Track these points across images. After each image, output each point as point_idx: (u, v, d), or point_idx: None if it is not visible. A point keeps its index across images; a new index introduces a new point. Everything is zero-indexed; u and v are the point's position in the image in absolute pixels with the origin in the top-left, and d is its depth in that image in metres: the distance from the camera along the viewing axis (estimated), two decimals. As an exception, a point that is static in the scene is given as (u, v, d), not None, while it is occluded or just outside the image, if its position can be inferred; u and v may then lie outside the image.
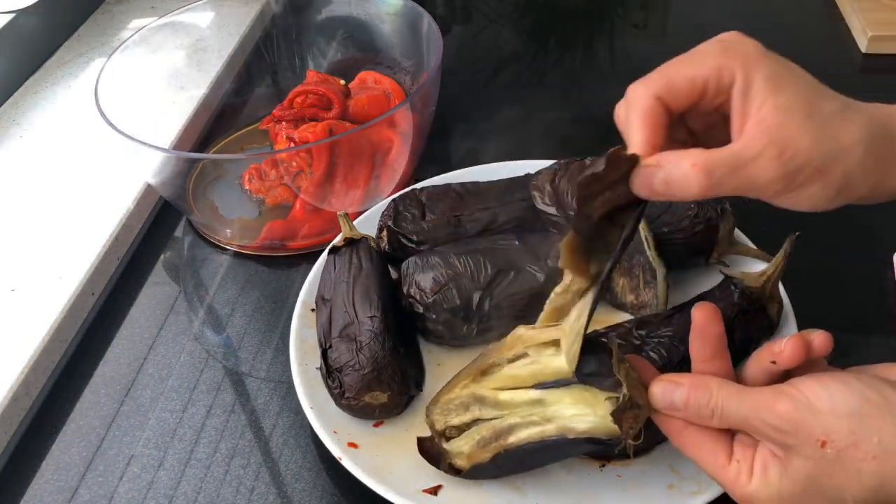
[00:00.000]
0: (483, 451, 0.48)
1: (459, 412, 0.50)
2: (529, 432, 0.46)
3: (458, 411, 0.50)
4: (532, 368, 0.47)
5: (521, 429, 0.47)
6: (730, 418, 0.40)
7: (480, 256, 0.59)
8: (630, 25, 1.08)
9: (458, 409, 0.50)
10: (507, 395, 0.48)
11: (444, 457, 0.50)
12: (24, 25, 0.93)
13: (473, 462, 0.49)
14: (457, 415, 0.50)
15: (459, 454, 0.50)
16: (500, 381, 0.49)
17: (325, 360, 0.55)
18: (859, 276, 0.67)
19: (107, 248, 0.71)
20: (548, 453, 0.47)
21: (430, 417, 0.52)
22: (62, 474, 0.57)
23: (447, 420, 0.51)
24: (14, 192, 0.79)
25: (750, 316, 0.55)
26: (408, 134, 0.76)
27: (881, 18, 0.93)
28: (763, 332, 0.56)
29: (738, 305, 0.55)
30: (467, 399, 0.50)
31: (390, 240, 0.65)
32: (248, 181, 0.78)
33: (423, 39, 0.82)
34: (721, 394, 0.41)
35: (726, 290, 0.56)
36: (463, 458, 0.50)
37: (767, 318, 0.56)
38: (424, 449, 0.51)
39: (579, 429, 0.44)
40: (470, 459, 0.49)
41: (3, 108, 0.90)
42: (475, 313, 0.58)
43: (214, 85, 0.91)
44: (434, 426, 0.51)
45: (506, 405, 0.48)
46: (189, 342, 0.66)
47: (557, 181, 0.65)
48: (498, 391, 0.49)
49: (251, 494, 0.55)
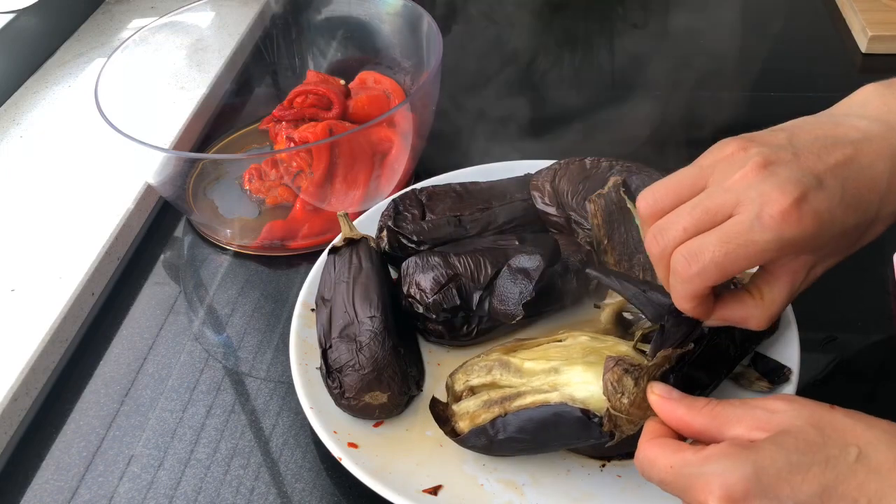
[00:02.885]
0: (485, 412, 0.49)
1: (481, 373, 0.52)
2: (533, 398, 0.48)
3: (480, 372, 0.52)
4: (566, 347, 0.50)
5: (527, 395, 0.48)
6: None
7: (480, 256, 0.59)
8: (630, 25, 1.08)
9: (480, 370, 0.52)
10: (531, 364, 0.50)
11: (450, 418, 0.52)
12: (24, 25, 0.93)
13: (473, 424, 0.50)
14: (478, 375, 0.52)
15: (464, 415, 0.51)
16: (530, 354, 0.51)
17: (325, 361, 0.55)
18: (859, 276, 0.67)
19: (107, 248, 0.71)
20: (544, 427, 0.47)
21: (453, 377, 0.53)
22: (62, 474, 0.57)
23: (468, 379, 0.52)
24: (14, 192, 0.79)
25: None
26: (408, 134, 0.76)
27: (881, 18, 0.93)
28: (763, 331, 0.55)
29: None
30: (492, 363, 0.52)
31: (390, 240, 0.65)
32: (248, 181, 0.78)
33: (423, 39, 0.82)
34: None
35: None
36: (465, 420, 0.51)
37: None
38: (436, 410, 0.52)
39: (578, 396, 0.46)
40: (471, 421, 0.50)
41: (3, 108, 0.90)
42: (475, 313, 0.58)
43: (214, 85, 0.91)
44: (453, 385, 0.53)
45: (527, 373, 0.50)
46: (189, 342, 0.66)
47: (557, 181, 0.65)
48: (524, 360, 0.51)
49: (251, 494, 0.55)
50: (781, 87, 0.89)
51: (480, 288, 0.58)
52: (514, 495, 0.50)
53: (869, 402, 0.57)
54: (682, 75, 0.95)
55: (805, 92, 0.88)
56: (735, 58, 0.96)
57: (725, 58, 0.97)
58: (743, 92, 0.89)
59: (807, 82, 0.90)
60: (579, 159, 0.66)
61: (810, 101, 0.87)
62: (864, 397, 0.57)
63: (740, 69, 0.94)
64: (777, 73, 0.92)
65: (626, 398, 0.43)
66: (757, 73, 0.92)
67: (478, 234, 0.64)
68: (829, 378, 0.58)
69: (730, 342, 0.51)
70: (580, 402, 0.46)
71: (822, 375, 0.57)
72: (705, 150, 0.45)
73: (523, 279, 0.57)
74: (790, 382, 0.52)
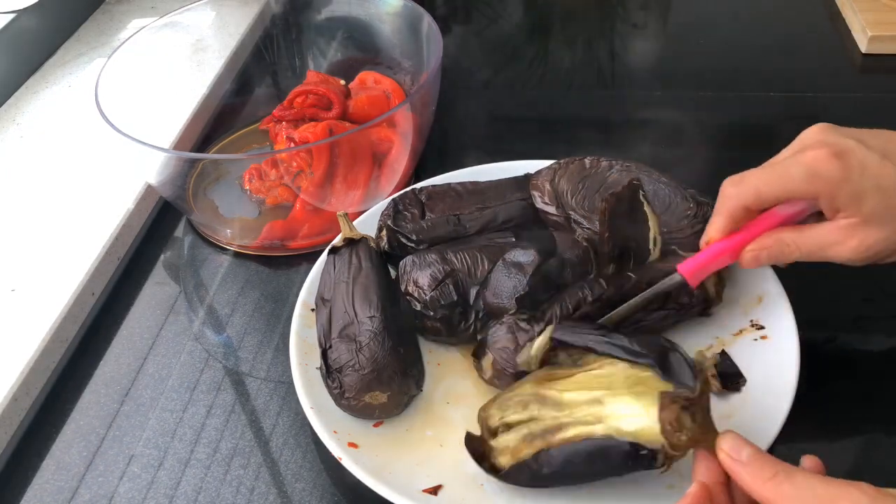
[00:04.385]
0: (528, 446, 0.48)
1: (517, 409, 0.50)
2: (577, 431, 0.46)
3: (517, 408, 0.50)
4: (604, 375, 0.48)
5: (569, 427, 0.46)
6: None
7: (477, 252, 0.59)
8: (630, 25, 1.08)
9: (516, 405, 0.50)
10: (571, 396, 0.48)
11: (488, 454, 0.50)
12: (24, 25, 0.93)
13: (516, 459, 0.48)
14: (514, 411, 0.50)
15: (504, 450, 0.49)
16: (567, 384, 0.49)
17: (325, 361, 0.55)
18: (859, 276, 0.67)
19: (107, 248, 0.71)
20: (591, 460, 0.45)
21: (486, 412, 0.51)
22: (62, 474, 0.57)
23: (503, 415, 0.50)
24: (14, 192, 0.79)
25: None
26: (408, 134, 0.76)
27: (881, 18, 0.93)
28: (695, 299, 0.57)
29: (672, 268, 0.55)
30: (528, 397, 0.50)
31: (390, 239, 0.65)
32: (248, 181, 0.78)
33: (423, 39, 0.82)
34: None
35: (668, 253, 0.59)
36: (507, 455, 0.49)
37: (704, 291, 0.57)
38: (472, 446, 0.50)
39: (626, 429, 0.44)
40: (513, 456, 0.48)
41: (3, 108, 0.90)
42: (472, 308, 0.58)
43: (214, 85, 0.91)
44: (487, 421, 0.51)
45: (567, 405, 0.48)
46: (189, 342, 0.66)
47: (557, 181, 0.65)
48: (562, 392, 0.48)
49: (251, 494, 0.55)
50: (781, 87, 0.89)
51: (477, 283, 0.58)
52: (513, 495, 0.50)
53: (869, 402, 0.57)
54: (681, 75, 0.95)
55: (805, 92, 0.88)
56: (735, 58, 0.96)
57: (725, 58, 0.97)
58: (743, 92, 0.89)
59: (807, 82, 0.90)
60: (579, 159, 0.66)
61: (810, 101, 0.88)
62: (864, 397, 0.57)
63: (740, 69, 0.93)
64: (777, 73, 0.92)
65: (685, 435, 0.42)
66: (757, 73, 0.92)
67: (477, 233, 0.64)
68: (829, 378, 0.58)
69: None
70: (629, 434, 0.44)
71: (823, 375, 0.57)
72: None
73: (517, 273, 0.57)
74: (738, 392, 0.54)
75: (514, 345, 0.54)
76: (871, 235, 0.49)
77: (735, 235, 0.53)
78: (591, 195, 0.64)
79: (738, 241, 0.53)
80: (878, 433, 0.55)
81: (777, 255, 0.52)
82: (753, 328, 0.58)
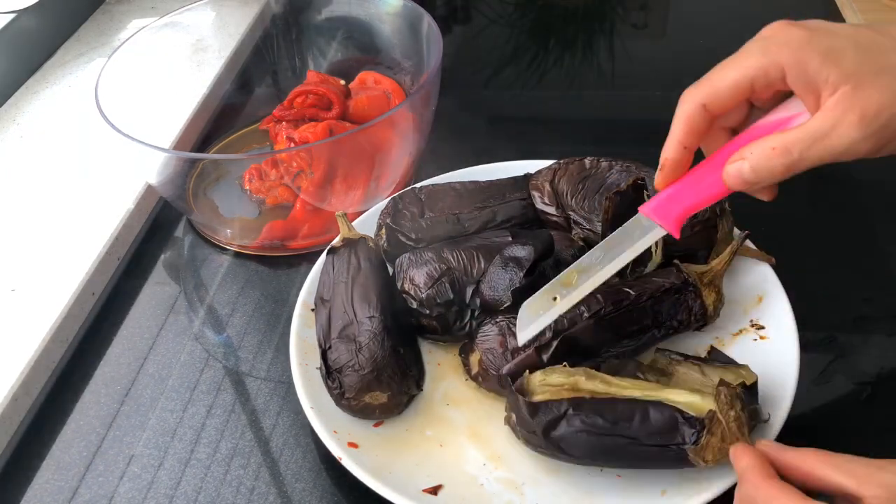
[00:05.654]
0: (570, 392, 0.49)
1: (562, 374, 0.51)
2: (626, 393, 0.49)
3: (562, 374, 0.51)
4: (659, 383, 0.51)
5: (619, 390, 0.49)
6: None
7: (474, 251, 0.59)
8: (630, 25, 1.08)
9: (561, 373, 0.51)
10: (621, 381, 0.50)
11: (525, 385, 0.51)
12: (24, 25, 0.94)
13: (551, 397, 0.49)
14: (559, 375, 0.51)
15: (545, 387, 0.50)
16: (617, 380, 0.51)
17: (325, 361, 0.55)
18: (859, 276, 0.67)
19: (107, 248, 0.71)
20: (628, 420, 0.46)
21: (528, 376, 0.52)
22: (62, 474, 0.57)
23: (545, 378, 0.51)
24: (14, 192, 0.79)
25: (682, 297, 0.56)
26: (408, 134, 0.75)
27: (881, 18, 0.93)
28: (694, 317, 0.56)
29: (672, 284, 0.56)
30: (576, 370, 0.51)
31: (389, 238, 0.65)
32: (248, 181, 0.78)
33: (423, 39, 0.82)
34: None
35: (668, 267, 0.58)
36: (545, 393, 0.50)
37: (702, 306, 0.57)
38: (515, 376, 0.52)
39: (675, 399, 0.47)
40: (552, 393, 0.49)
41: (3, 108, 0.90)
42: (468, 306, 0.58)
43: (214, 85, 0.91)
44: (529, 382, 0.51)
45: (616, 385, 0.50)
46: (189, 342, 0.66)
47: (557, 181, 0.65)
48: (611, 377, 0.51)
49: (251, 494, 0.55)
50: (781, 87, 0.89)
51: (474, 282, 0.58)
52: (514, 495, 0.50)
53: (869, 402, 0.57)
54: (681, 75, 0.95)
55: (805, 92, 0.88)
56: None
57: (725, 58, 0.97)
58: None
59: (807, 82, 0.89)
60: (579, 159, 0.66)
61: (810, 100, 0.87)
62: (864, 397, 0.57)
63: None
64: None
65: (734, 412, 0.45)
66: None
67: (476, 232, 0.64)
68: (830, 378, 0.58)
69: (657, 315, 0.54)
70: (677, 403, 0.46)
71: (823, 375, 0.57)
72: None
73: (514, 267, 0.57)
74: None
75: (502, 348, 0.54)
76: (871, 100, 0.39)
77: (709, 159, 0.46)
78: (591, 196, 0.64)
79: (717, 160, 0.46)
80: (878, 433, 0.55)
81: (763, 164, 0.42)
82: (753, 328, 0.58)
